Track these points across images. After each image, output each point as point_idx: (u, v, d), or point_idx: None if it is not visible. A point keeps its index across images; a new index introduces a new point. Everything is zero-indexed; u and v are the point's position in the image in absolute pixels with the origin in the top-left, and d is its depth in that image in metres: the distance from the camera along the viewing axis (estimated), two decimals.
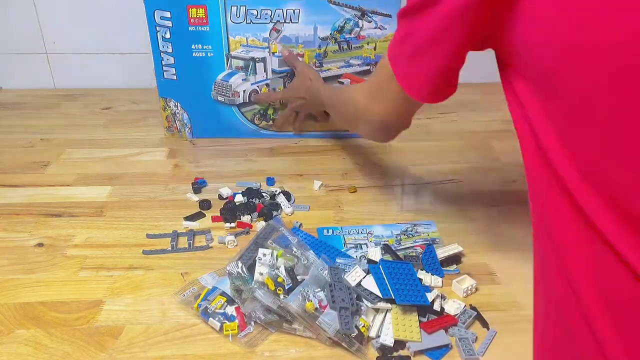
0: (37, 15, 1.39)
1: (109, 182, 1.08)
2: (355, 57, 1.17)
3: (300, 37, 1.15)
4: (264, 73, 1.18)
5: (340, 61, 1.17)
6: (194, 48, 1.15)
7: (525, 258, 0.90)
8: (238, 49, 1.15)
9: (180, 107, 1.21)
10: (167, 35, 1.13)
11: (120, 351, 0.72)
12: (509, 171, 1.14)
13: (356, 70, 1.18)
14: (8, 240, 0.93)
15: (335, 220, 0.98)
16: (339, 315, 0.73)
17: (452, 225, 0.97)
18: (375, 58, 1.17)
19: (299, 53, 1.16)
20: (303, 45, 1.16)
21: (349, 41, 1.15)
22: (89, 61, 1.45)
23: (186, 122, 1.23)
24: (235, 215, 0.97)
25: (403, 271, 0.80)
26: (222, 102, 1.21)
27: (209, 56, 1.16)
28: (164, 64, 1.17)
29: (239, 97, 1.20)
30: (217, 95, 1.20)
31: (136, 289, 0.83)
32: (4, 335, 0.74)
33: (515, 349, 0.73)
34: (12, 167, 1.13)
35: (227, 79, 1.18)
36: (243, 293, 0.77)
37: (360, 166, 1.15)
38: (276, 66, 1.18)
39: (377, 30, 1.14)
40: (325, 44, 1.15)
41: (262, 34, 1.14)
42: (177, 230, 0.95)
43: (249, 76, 1.18)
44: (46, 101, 1.42)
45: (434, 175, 1.12)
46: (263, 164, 1.15)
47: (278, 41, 1.15)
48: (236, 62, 1.17)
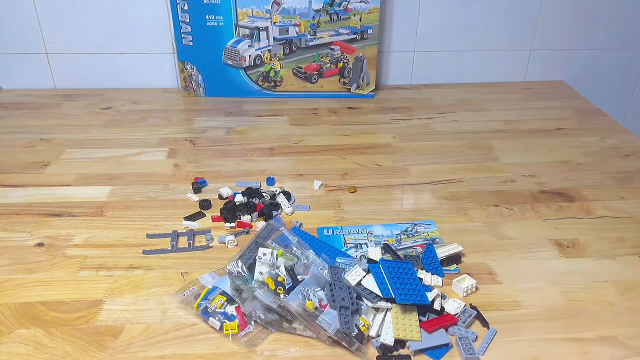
0: (37, 15, 1.39)
1: (109, 182, 1.08)
2: (344, 27, 1.38)
3: (297, 9, 1.35)
4: (266, 40, 1.38)
5: (331, 30, 1.38)
6: (207, 18, 1.35)
7: (525, 258, 0.90)
8: (245, 19, 1.35)
9: (196, 69, 1.42)
10: (186, 7, 1.33)
11: (120, 351, 0.72)
12: (509, 171, 1.14)
13: (344, 39, 1.39)
14: (8, 240, 0.93)
15: (335, 220, 0.98)
16: (339, 315, 0.73)
17: (452, 225, 0.97)
18: (361, 28, 1.38)
19: (296, 23, 1.34)
20: (299, 16, 1.35)
21: (339, 13, 1.36)
22: (89, 61, 1.45)
23: (200, 83, 1.43)
24: (235, 215, 0.97)
25: (403, 270, 0.80)
26: (231, 65, 1.41)
27: (220, 25, 1.36)
28: (182, 32, 1.36)
29: (246, 61, 1.40)
30: (227, 59, 1.40)
31: (136, 289, 0.83)
32: (4, 335, 0.74)
33: (516, 348, 0.73)
34: (12, 167, 1.13)
35: (235, 45, 1.38)
36: (243, 292, 0.77)
37: (360, 166, 1.15)
38: (277, 34, 1.37)
39: (362, 4, 1.35)
40: (318, 15, 1.35)
41: (265, 7, 1.34)
42: (177, 230, 0.95)
43: (254, 43, 1.37)
44: (46, 101, 1.42)
45: (434, 175, 1.12)
46: (263, 164, 1.15)
47: (278, 13, 1.34)
48: (243, 30, 1.37)
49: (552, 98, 1.48)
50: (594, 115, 1.39)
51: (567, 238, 0.94)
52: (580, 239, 0.94)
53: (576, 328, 0.76)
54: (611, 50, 1.55)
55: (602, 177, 1.13)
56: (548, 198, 1.05)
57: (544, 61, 1.55)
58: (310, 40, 1.38)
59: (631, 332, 0.76)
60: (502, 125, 1.34)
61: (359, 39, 1.39)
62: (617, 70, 1.58)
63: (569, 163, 1.17)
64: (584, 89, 1.53)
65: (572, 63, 1.56)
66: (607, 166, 1.16)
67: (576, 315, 0.79)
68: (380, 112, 1.40)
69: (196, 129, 1.29)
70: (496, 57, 1.53)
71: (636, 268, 0.88)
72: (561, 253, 0.91)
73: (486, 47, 1.52)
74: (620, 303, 0.81)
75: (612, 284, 0.84)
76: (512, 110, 1.41)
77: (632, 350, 0.73)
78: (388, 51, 1.50)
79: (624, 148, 1.23)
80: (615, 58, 1.57)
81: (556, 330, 0.76)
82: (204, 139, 1.25)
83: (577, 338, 0.75)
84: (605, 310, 0.80)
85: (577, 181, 1.11)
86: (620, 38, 1.54)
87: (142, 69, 1.47)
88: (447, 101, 1.46)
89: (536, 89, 1.53)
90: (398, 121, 1.35)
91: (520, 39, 1.52)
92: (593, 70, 1.58)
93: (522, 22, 1.49)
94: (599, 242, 0.94)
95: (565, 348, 0.73)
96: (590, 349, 0.73)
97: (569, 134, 1.30)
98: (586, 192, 1.07)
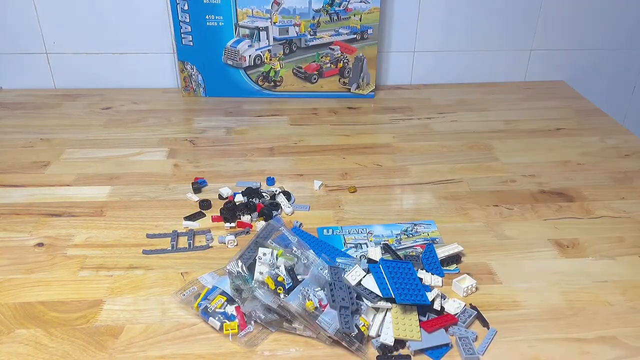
0: (37, 15, 1.39)
1: (109, 182, 1.08)
2: (344, 27, 1.38)
3: (297, 9, 1.35)
4: (266, 40, 1.38)
5: (331, 30, 1.38)
6: (207, 18, 1.34)
7: (525, 258, 0.90)
8: (245, 19, 1.35)
9: (196, 69, 1.42)
10: (186, 7, 1.33)
11: (120, 351, 0.72)
12: (509, 171, 1.14)
13: (345, 38, 1.39)
14: (8, 240, 0.93)
15: (335, 220, 0.98)
16: (339, 315, 0.73)
17: (452, 225, 0.97)
18: (361, 28, 1.38)
19: (296, 23, 1.34)
20: (299, 16, 1.35)
21: (339, 13, 1.35)
22: (89, 61, 1.45)
23: (200, 83, 1.43)
24: (235, 215, 0.97)
25: (403, 271, 0.80)
26: (231, 65, 1.41)
27: (220, 25, 1.36)
28: (182, 32, 1.36)
29: (246, 61, 1.40)
30: (227, 59, 1.40)
31: (136, 289, 0.83)
32: (4, 335, 0.74)
33: (516, 348, 0.73)
34: (12, 167, 1.13)
35: (235, 45, 1.38)
36: (243, 292, 0.77)
37: (360, 166, 1.15)
38: (277, 34, 1.37)
39: (362, 4, 1.35)
40: (318, 15, 1.35)
41: (265, 7, 1.34)
42: (177, 230, 0.95)
43: (254, 43, 1.37)
44: (46, 101, 1.42)
45: (434, 175, 1.12)
46: (263, 164, 1.15)
47: (278, 13, 1.34)
48: (243, 30, 1.37)
49: (552, 98, 1.48)
50: (594, 115, 1.39)
51: (567, 238, 0.94)
52: (580, 239, 0.94)
53: (576, 328, 0.76)
54: (611, 50, 1.55)
55: (602, 177, 1.13)
56: (548, 198, 1.05)
57: (544, 61, 1.55)
58: (310, 40, 1.38)
59: (631, 332, 0.76)
60: (502, 125, 1.34)
61: (359, 39, 1.39)
62: (617, 70, 1.58)
63: (569, 163, 1.17)
64: (584, 89, 1.53)
65: (572, 63, 1.56)
66: (607, 166, 1.16)
67: (576, 315, 0.79)
68: (380, 112, 1.40)
69: (196, 129, 1.29)
70: (496, 57, 1.54)
71: (636, 268, 0.88)
72: (561, 253, 0.91)
73: (486, 47, 1.52)
74: (620, 303, 0.81)
75: (612, 284, 0.84)
76: (512, 110, 1.41)
77: (632, 350, 0.73)
78: (388, 51, 1.50)
79: (624, 148, 1.23)
80: (615, 58, 1.57)
81: (556, 330, 0.76)
82: (204, 139, 1.25)
83: (577, 338, 0.75)
84: (605, 310, 0.80)
85: (577, 181, 1.11)
86: (620, 38, 1.54)
87: (142, 69, 1.47)
88: (447, 101, 1.46)
89: (536, 89, 1.53)
90: (398, 121, 1.35)
91: (520, 39, 1.52)
92: (593, 70, 1.58)
93: (522, 22, 1.49)
94: (599, 242, 0.94)
95: (565, 348, 0.73)
96: (590, 349, 0.73)
97: (569, 134, 1.30)
98: (586, 192, 1.07)
